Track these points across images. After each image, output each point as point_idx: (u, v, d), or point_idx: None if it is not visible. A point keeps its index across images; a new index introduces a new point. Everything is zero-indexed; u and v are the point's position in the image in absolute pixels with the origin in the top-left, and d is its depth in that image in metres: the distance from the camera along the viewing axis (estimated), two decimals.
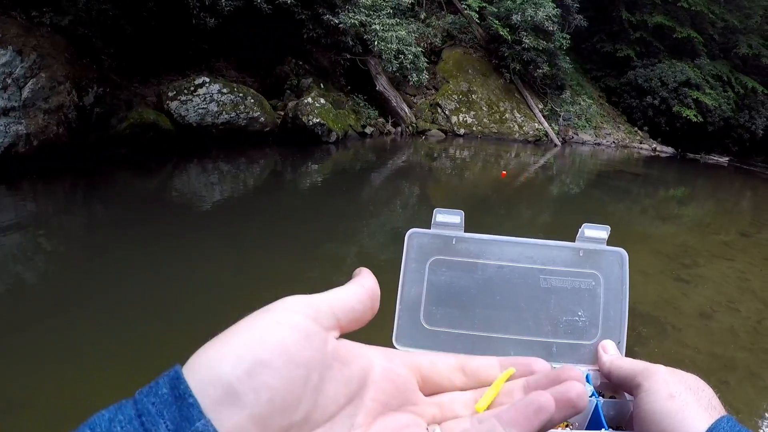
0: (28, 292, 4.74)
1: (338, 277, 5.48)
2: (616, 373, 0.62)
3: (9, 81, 7.76)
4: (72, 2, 9.25)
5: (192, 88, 11.36)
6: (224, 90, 11.74)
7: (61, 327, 4.11)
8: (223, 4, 11.46)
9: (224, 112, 11.61)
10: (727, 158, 25.22)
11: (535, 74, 20.25)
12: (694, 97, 23.17)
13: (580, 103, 22.57)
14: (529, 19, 18.64)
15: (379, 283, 0.47)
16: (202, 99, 11.39)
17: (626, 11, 24.62)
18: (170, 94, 11.16)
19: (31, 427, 3.08)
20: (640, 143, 23.54)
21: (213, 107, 11.46)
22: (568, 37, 20.27)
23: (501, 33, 19.06)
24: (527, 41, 18.83)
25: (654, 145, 23.72)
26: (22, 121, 7.90)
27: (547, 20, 18.69)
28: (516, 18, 18.86)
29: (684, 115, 23.06)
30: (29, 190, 7.81)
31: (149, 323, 4.26)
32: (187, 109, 11.16)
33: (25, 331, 4.02)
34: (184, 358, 0.37)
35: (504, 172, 12.99)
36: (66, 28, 9.14)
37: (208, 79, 11.67)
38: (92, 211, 7.54)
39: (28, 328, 4.07)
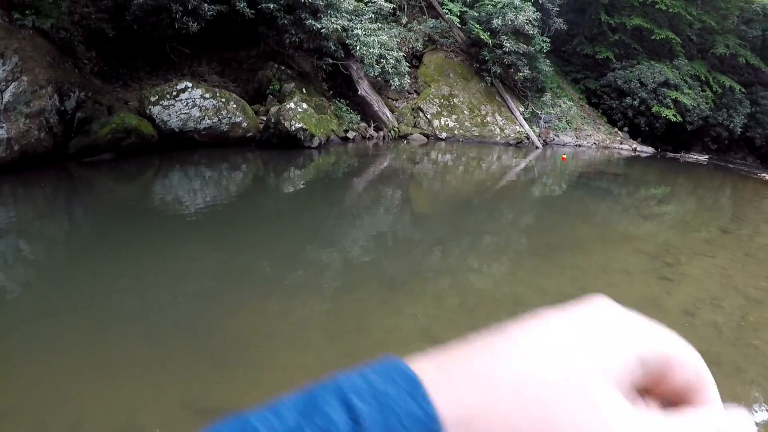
0: (7, 299, 4.68)
1: (319, 281, 5.48)
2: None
3: None
4: (55, 5, 9.16)
5: (174, 93, 11.29)
6: (206, 95, 11.68)
7: (41, 334, 4.06)
8: (206, 8, 11.44)
9: (206, 117, 11.56)
10: (707, 156, 25.55)
11: (516, 77, 20.38)
12: (673, 97, 23.44)
13: (560, 105, 22.73)
14: (510, 23, 18.77)
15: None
16: (185, 104, 11.32)
17: (605, 14, 24.88)
18: (152, 98, 11.08)
19: None
20: (621, 144, 23.76)
21: (195, 112, 11.40)
22: (548, 40, 20.45)
23: (482, 37, 19.18)
24: (508, 45, 18.95)
25: (634, 145, 23.94)
26: (3, 125, 7.80)
27: (527, 24, 18.82)
28: (496, 22, 18.98)
29: (663, 115, 23.32)
30: (9, 194, 7.71)
31: (130, 329, 4.22)
32: (170, 114, 11.09)
33: (5, 339, 3.98)
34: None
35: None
36: (48, 31, 9.06)
37: (190, 84, 11.60)
38: (73, 217, 7.47)
39: (9, 336, 4.03)
